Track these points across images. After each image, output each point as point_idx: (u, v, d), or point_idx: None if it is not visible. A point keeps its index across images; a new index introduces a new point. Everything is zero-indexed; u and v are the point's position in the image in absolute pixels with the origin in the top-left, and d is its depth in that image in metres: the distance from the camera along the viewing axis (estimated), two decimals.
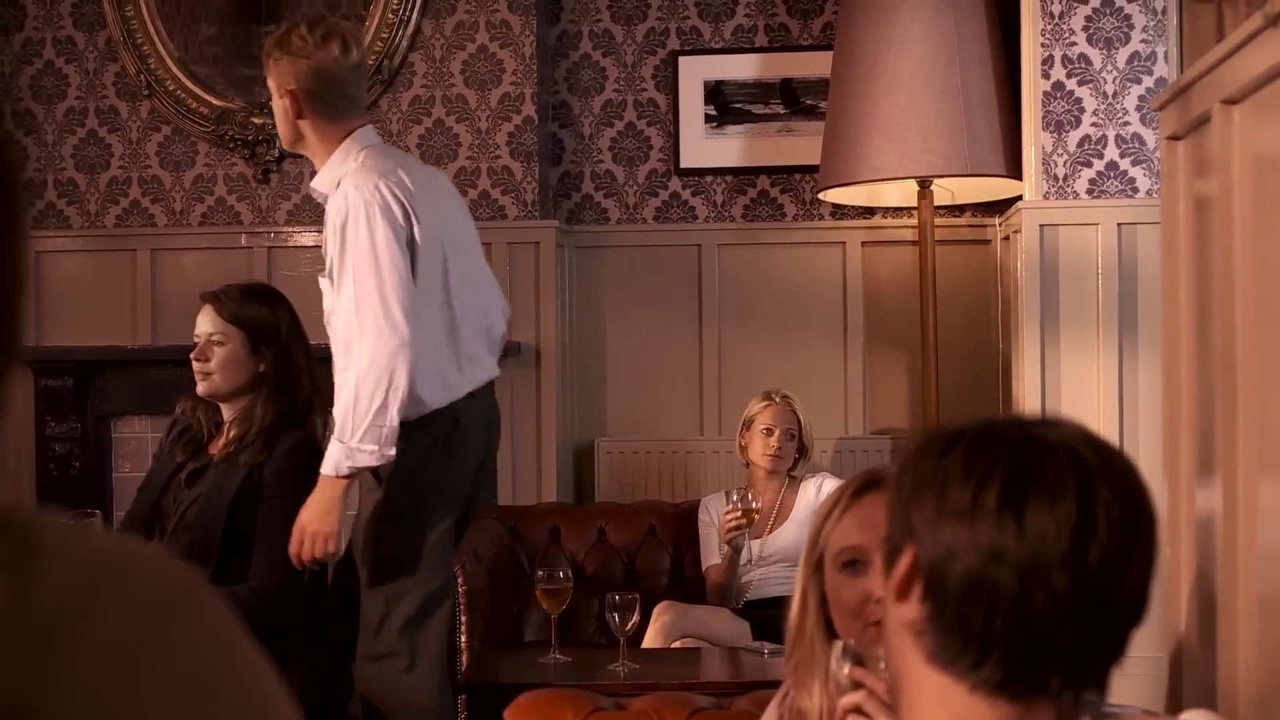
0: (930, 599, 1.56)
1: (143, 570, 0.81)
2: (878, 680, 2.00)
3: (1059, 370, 5.56)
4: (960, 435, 1.59)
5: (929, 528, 1.56)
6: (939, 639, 1.57)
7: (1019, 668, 1.54)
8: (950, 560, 1.54)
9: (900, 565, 1.59)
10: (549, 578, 4.65)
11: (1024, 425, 1.58)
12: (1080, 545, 1.49)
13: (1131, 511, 1.52)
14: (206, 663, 0.82)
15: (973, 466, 1.54)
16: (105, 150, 6.59)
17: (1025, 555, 1.50)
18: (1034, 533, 1.50)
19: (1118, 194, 5.60)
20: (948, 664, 1.56)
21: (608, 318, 6.62)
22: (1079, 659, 1.55)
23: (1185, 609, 2.80)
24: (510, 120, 6.39)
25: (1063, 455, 1.52)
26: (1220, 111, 2.55)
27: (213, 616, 0.83)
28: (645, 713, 2.85)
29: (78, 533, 0.81)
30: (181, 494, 4.34)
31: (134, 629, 0.78)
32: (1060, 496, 1.50)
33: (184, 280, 6.33)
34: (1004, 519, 1.51)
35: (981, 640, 1.54)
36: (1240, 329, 2.46)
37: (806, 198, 6.57)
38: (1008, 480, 1.52)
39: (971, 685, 1.55)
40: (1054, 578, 1.49)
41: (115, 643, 0.77)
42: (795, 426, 5.64)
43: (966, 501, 1.53)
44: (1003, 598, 1.51)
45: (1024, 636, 1.52)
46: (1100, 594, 1.51)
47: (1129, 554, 1.52)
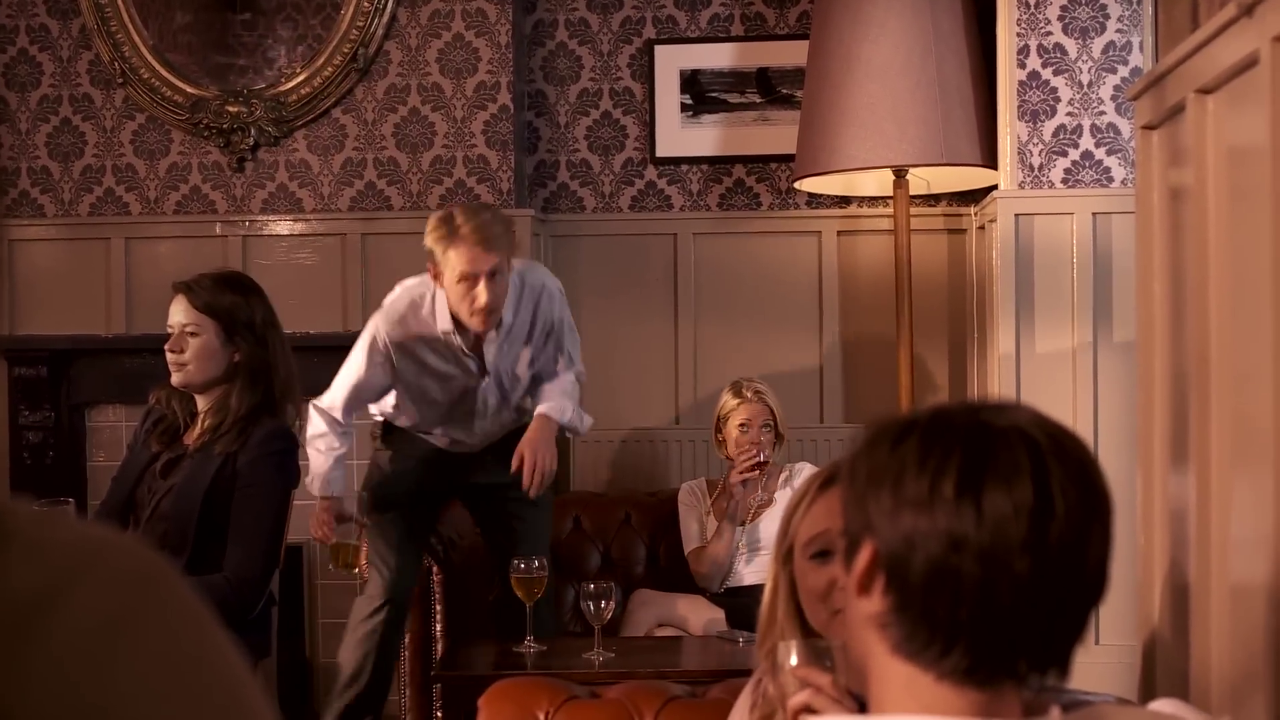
0: (893, 591, 1.56)
1: (114, 558, 0.81)
2: (821, 675, 2.01)
3: (1034, 359, 5.57)
4: (913, 424, 1.59)
5: (887, 519, 1.56)
6: (904, 630, 1.57)
7: (986, 654, 1.54)
8: (911, 551, 1.54)
9: (860, 559, 1.59)
10: (523, 567, 4.65)
11: (975, 411, 1.58)
12: (1039, 527, 1.50)
13: (1087, 490, 1.53)
14: (179, 651, 0.82)
15: (928, 455, 1.54)
16: (79, 138, 6.56)
17: (985, 541, 1.50)
18: (993, 518, 1.50)
19: (1093, 183, 5.61)
20: (914, 654, 1.56)
21: (583, 307, 6.61)
22: (1044, 641, 1.55)
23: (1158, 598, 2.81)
24: (486, 109, 6.38)
25: (1015, 439, 1.53)
26: (1195, 101, 2.55)
27: (184, 605, 0.83)
28: (619, 701, 2.85)
29: (48, 521, 0.81)
30: (156, 484, 4.33)
31: (106, 617, 0.78)
32: (1016, 480, 1.50)
33: (158, 269, 6.31)
34: (962, 506, 1.51)
35: (947, 629, 1.54)
36: (1214, 319, 2.46)
37: (782, 187, 6.57)
38: (963, 467, 1.52)
39: (939, 674, 1.55)
40: (1015, 562, 1.50)
41: (88, 631, 0.77)
42: (770, 418, 5.65)
43: (924, 491, 1.53)
44: (966, 585, 1.51)
45: (989, 622, 1.53)
46: (1062, 574, 1.51)
47: (1087, 533, 1.52)
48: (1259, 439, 2.22)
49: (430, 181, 6.40)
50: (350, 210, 6.43)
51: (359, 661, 5.14)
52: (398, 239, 6.36)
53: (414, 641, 5.32)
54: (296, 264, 6.42)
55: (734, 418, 5.65)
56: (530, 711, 2.83)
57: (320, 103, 6.42)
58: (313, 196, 6.45)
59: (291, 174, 6.47)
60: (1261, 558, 2.23)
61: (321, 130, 6.45)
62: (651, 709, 2.80)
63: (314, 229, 6.43)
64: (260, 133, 6.43)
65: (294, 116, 6.43)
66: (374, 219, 6.40)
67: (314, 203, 6.45)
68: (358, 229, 6.40)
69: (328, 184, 6.44)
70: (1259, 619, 2.25)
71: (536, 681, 3.00)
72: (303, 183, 6.46)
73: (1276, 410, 2.15)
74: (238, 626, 4.12)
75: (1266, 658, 2.21)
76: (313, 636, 6.35)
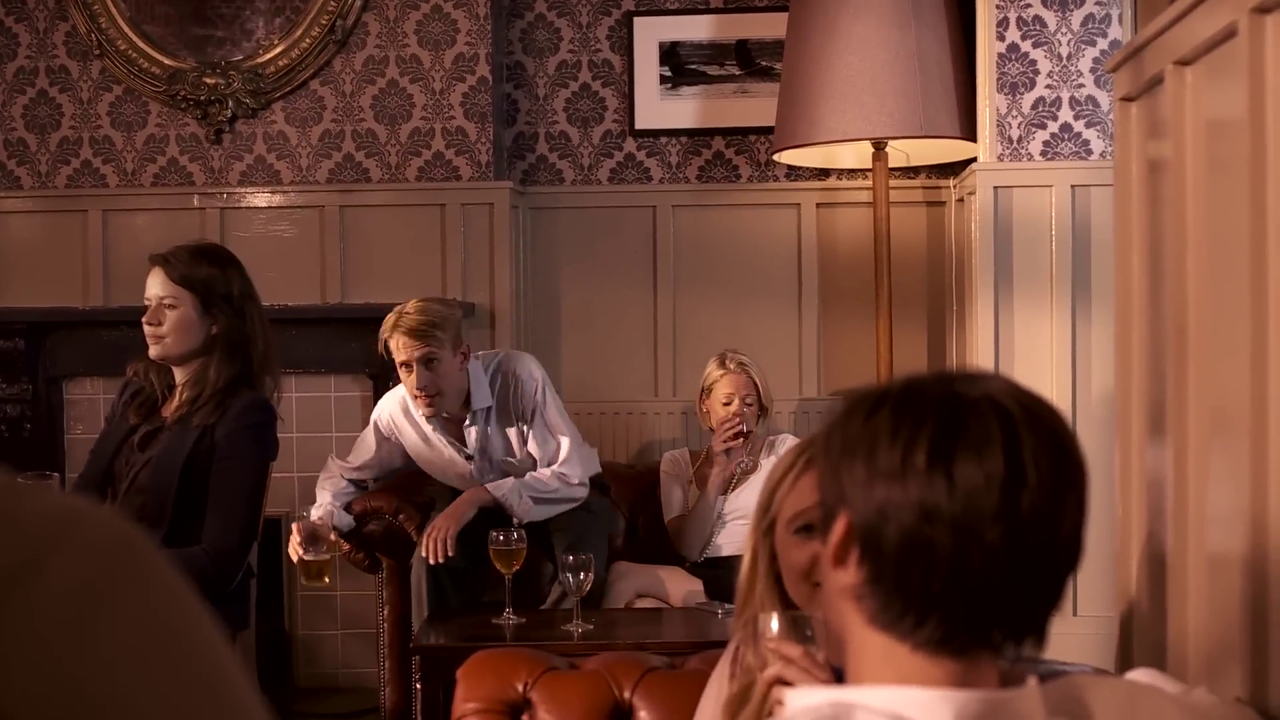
0: (867, 562, 1.57)
1: (90, 529, 0.81)
2: (794, 647, 2.01)
3: (1012, 331, 5.59)
4: (885, 396, 1.59)
5: (861, 491, 1.56)
6: (879, 601, 1.57)
7: (960, 624, 1.54)
8: (884, 522, 1.54)
9: (835, 531, 1.59)
10: (501, 539, 4.66)
11: (947, 381, 1.58)
12: (1011, 497, 1.50)
13: (1060, 459, 1.53)
14: (156, 619, 0.81)
15: (900, 426, 1.54)
16: (56, 110, 6.53)
17: (958, 511, 1.50)
18: (964, 488, 1.50)
19: (1071, 156, 5.61)
20: (889, 625, 1.57)
21: (562, 279, 6.61)
22: (1019, 611, 1.55)
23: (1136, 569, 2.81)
24: (464, 81, 6.37)
25: (987, 408, 1.52)
26: (1173, 73, 2.55)
27: (160, 574, 0.83)
28: (598, 672, 2.85)
29: (24, 492, 0.80)
30: (134, 456, 4.32)
31: (83, 586, 0.78)
32: (988, 450, 1.50)
33: (136, 241, 6.28)
34: (934, 476, 1.51)
35: (921, 600, 1.54)
36: (1192, 291, 2.47)
37: (761, 159, 6.57)
38: (935, 438, 1.52)
39: (914, 645, 1.56)
40: (988, 531, 1.50)
41: (65, 600, 0.77)
42: (753, 391, 5.68)
43: (896, 462, 1.53)
44: (939, 556, 1.51)
45: (963, 593, 1.53)
46: (1035, 544, 1.51)
47: (1061, 502, 1.52)
48: (1236, 411, 2.22)
49: (409, 154, 6.39)
50: (328, 182, 6.41)
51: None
52: (376, 211, 6.36)
53: (393, 614, 5.32)
54: (274, 236, 6.40)
55: (717, 389, 5.69)
56: (509, 682, 2.83)
57: (298, 74, 6.40)
58: (291, 169, 6.44)
59: (269, 146, 6.45)
60: (1238, 530, 2.23)
61: (299, 102, 6.43)
62: (630, 680, 2.80)
63: (292, 201, 6.42)
64: (238, 105, 6.41)
65: (272, 88, 6.41)
66: (352, 191, 6.38)
67: (292, 175, 6.44)
68: (336, 201, 6.38)
69: (306, 156, 6.43)
70: (1235, 590, 2.25)
71: (515, 653, 3.00)
72: (280, 155, 6.44)
73: (1254, 383, 2.15)
74: (216, 598, 4.12)
75: (1242, 628, 2.22)
76: (291, 609, 6.35)
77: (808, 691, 1.66)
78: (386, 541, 5.30)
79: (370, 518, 5.30)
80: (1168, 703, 1.81)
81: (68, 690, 0.76)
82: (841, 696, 1.58)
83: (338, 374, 6.33)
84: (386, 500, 5.33)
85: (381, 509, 5.31)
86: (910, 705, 1.54)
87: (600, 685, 2.82)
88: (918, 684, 1.55)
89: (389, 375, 6.10)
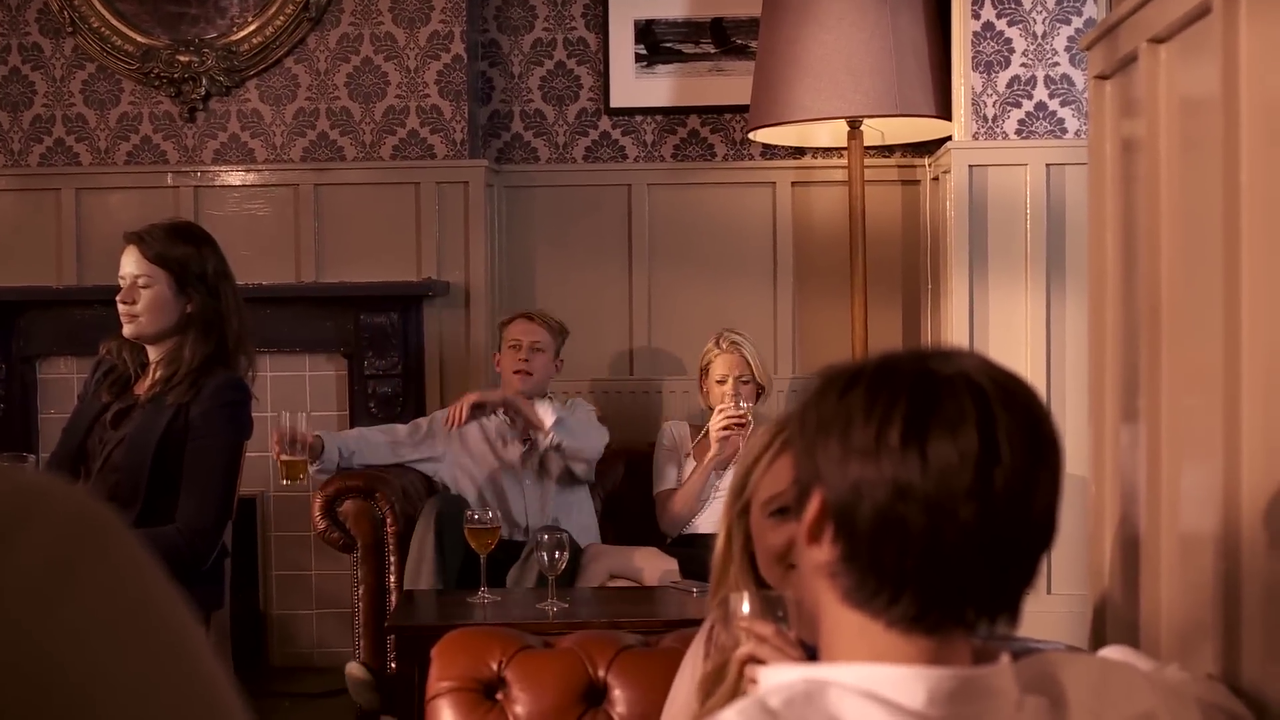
0: (841, 540, 1.57)
1: (57, 504, 0.80)
2: (766, 625, 2.02)
3: (987, 310, 5.60)
4: (860, 373, 1.59)
5: (835, 468, 1.56)
6: (853, 579, 1.57)
7: (934, 602, 1.54)
8: (858, 500, 1.54)
9: (809, 508, 1.60)
10: (476, 518, 4.66)
11: (922, 359, 1.58)
12: (985, 474, 1.50)
13: (1034, 437, 1.53)
14: (124, 594, 0.81)
15: (874, 404, 1.54)
16: (28, 88, 6.50)
17: (931, 489, 1.50)
18: (938, 466, 1.50)
19: (1046, 134, 5.62)
20: (863, 603, 1.57)
21: (537, 258, 6.61)
22: (993, 588, 1.56)
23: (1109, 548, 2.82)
24: (439, 59, 6.35)
25: (961, 386, 1.52)
26: (1147, 50, 2.55)
27: (128, 550, 0.83)
28: (572, 651, 2.85)
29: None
30: (107, 435, 4.30)
31: (50, 560, 0.78)
32: (961, 427, 1.50)
33: (110, 220, 6.26)
34: (907, 454, 1.51)
35: (895, 577, 1.54)
36: (1165, 270, 2.47)
37: (737, 138, 6.57)
38: (909, 415, 1.52)
39: (888, 622, 1.56)
40: (961, 509, 1.50)
41: (32, 574, 0.77)
42: (746, 370, 5.70)
43: (870, 439, 1.53)
44: (913, 533, 1.51)
45: (936, 570, 1.53)
46: (1009, 521, 1.52)
47: (1034, 479, 1.52)
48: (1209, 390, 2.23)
49: (383, 132, 6.37)
50: (303, 160, 6.39)
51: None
52: (350, 189, 6.34)
53: (368, 592, 5.32)
54: (249, 215, 6.39)
55: (713, 369, 5.75)
56: (483, 661, 2.83)
57: (272, 52, 6.37)
58: (265, 147, 6.42)
59: (243, 124, 6.43)
60: (1210, 508, 2.24)
61: (273, 80, 6.41)
62: (604, 658, 2.80)
63: (266, 179, 6.40)
64: (212, 82, 6.38)
65: (246, 66, 6.39)
66: (326, 169, 6.37)
67: (266, 153, 6.42)
68: (310, 179, 6.37)
69: (280, 134, 6.41)
70: (1207, 568, 2.26)
71: (490, 631, 3.00)
72: (255, 133, 6.42)
73: (1226, 362, 2.16)
74: (190, 578, 4.11)
75: (1214, 607, 2.22)
76: (266, 588, 6.35)
77: (781, 669, 1.66)
78: (360, 521, 5.30)
79: (345, 496, 5.30)
80: (1140, 679, 1.81)
81: (35, 660, 0.75)
82: (815, 674, 1.58)
83: (312, 353, 6.32)
84: (362, 480, 5.33)
85: (357, 488, 5.30)
86: (884, 683, 1.54)
87: (575, 663, 2.82)
88: (891, 661, 1.56)
89: (363, 354, 6.11)
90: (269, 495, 6.23)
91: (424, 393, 6.31)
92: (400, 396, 6.21)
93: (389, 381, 6.20)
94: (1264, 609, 2.09)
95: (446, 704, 2.80)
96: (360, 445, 5.54)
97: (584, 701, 2.79)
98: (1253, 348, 2.11)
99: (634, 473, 5.94)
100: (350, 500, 5.29)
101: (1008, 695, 1.59)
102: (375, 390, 6.20)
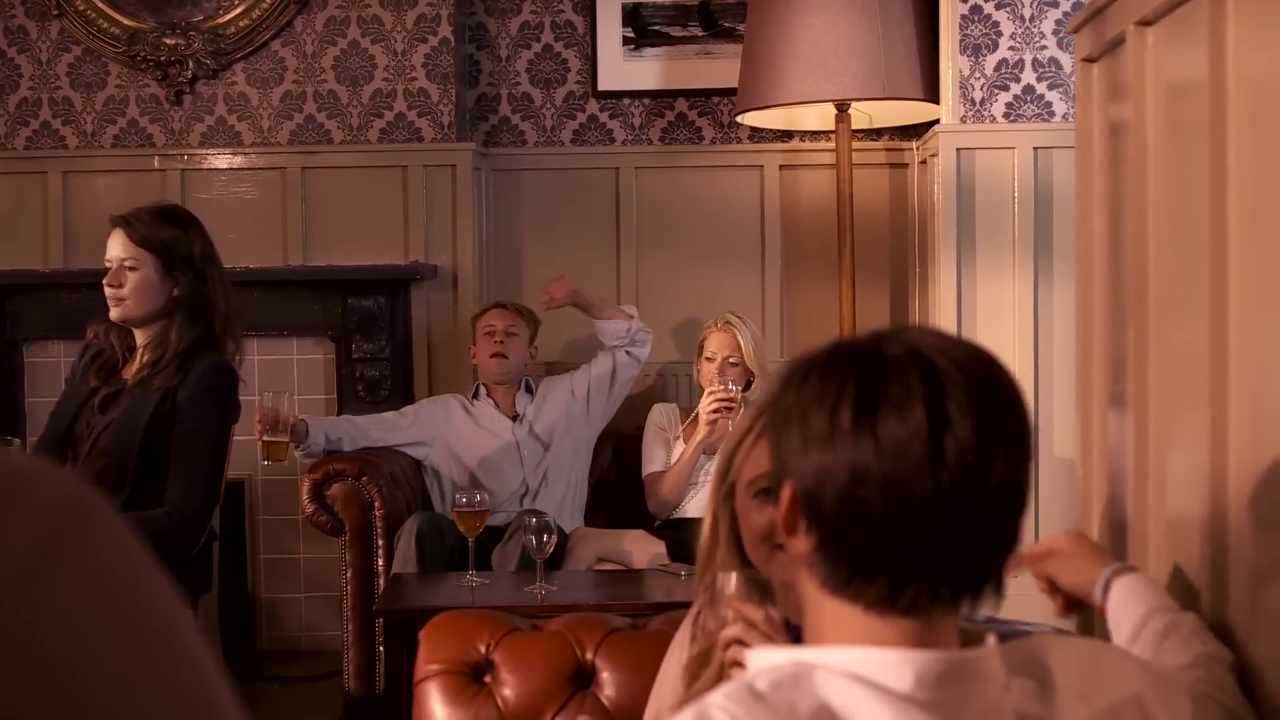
0: (814, 529, 1.58)
1: (43, 487, 0.80)
2: (754, 610, 2.02)
3: (975, 293, 5.60)
4: (814, 362, 1.60)
5: (798, 458, 1.57)
6: (828, 566, 1.58)
7: (905, 580, 1.54)
8: (821, 488, 1.55)
9: (782, 501, 1.60)
10: (464, 501, 4.66)
11: (874, 340, 1.59)
12: (937, 450, 1.50)
13: (989, 409, 1.53)
14: (111, 576, 0.81)
15: (825, 390, 1.56)
16: (14, 71, 6.48)
17: (887, 469, 1.51)
18: (890, 445, 1.51)
19: (1034, 118, 5.63)
20: (839, 589, 1.58)
21: (525, 241, 6.60)
22: (964, 561, 1.56)
23: (1097, 531, 2.83)
24: (426, 42, 6.34)
25: (909, 363, 1.53)
26: (1134, 33, 2.55)
27: (114, 532, 0.82)
28: (561, 633, 2.86)
29: None
30: (95, 419, 4.30)
31: (36, 542, 0.77)
32: (908, 404, 1.51)
33: (96, 203, 6.25)
34: (860, 437, 1.52)
35: (865, 560, 1.55)
36: (1153, 254, 2.47)
37: (724, 121, 6.56)
38: (858, 398, 1.53)
39: (865, 606, 1.56)
40: (917, 486, 1.50)
41: (18, 556, 0.76)
42: (736, 353, 5.65)
43: (825, 426, 1.54)
44: (875, 515, 1.52)
45: (902, 549, 1.54)
46: (968, 493, 1.52)
47: (990, 449, 1.52)
48: (1196, 373, 2.23)
49: (370, 115, 6.36)
50: (290, 144, 6.38)
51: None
52: (338, 173, 6.34)
53: (356, 576, 5.32)
54: (236, 198, 6.38)
55: (706, 345, 5.70)
56: (471, 644, 2.83)
57: (259, 35, 6.36)
58: (252, 130, 6.41)
59: (230, 107, 6.41)
60: (1198, 492, 2.24)
61: (260, 63, 6.40)
62: (593, 641, 2.81)
63: (253, 163, 6.39)
64: (198, 65, 6.37)
65: (232, 49, 6.37)
66: (314, 152, 6.36)
67: (253, 136, 6.41)
68: (298, 163, 6.36)
69: (267, 117, 6.40)
70: (1195, 552, 2.27)
71: (478, 614, 3.01)
72: (241, 116, 6.41)
73: (1213, 346, 2.16)
74: (178, 561, 4.11)
75: (1203, 585, 2.23)
76: (254, 572, 6.35)
77: (769, 651, 1.66)
78: (349, 505, 5.30)
79: (334, 480, 5.30)
80: (1130, 663, 1.82)
81: (21, 643, 0.75)
82: (803, 656, 1.58)
83: (300, 336, 6.32)
84: (350, 463, 5.33)
85: (345, 472, 5.30)
86: (870, 665, 1.54)
87: (563, 646, 2.83)
88: (875, 645, 1.56)
89: (350, 338, 6.10)
90: (257, 479, 6.22)
91: (412, 376, 6.31)
92: (388, 380, 6.21)
93: (376, 365, 6.20)
94: (1250, 591, 2.10)
95: (435, 686, 2.80)
96: (348, 430, 5.53)
97: (572, 684, 2.79)
98: (1240, 331, 2.11)
99: (622, 456, 5.94)
100: (338, 484, 5.29)
101: (995, 678, 1.60)
102: (363, 374, 6.20)
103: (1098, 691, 1.70)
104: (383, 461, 5.46)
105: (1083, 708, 1.67)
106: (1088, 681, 1.71)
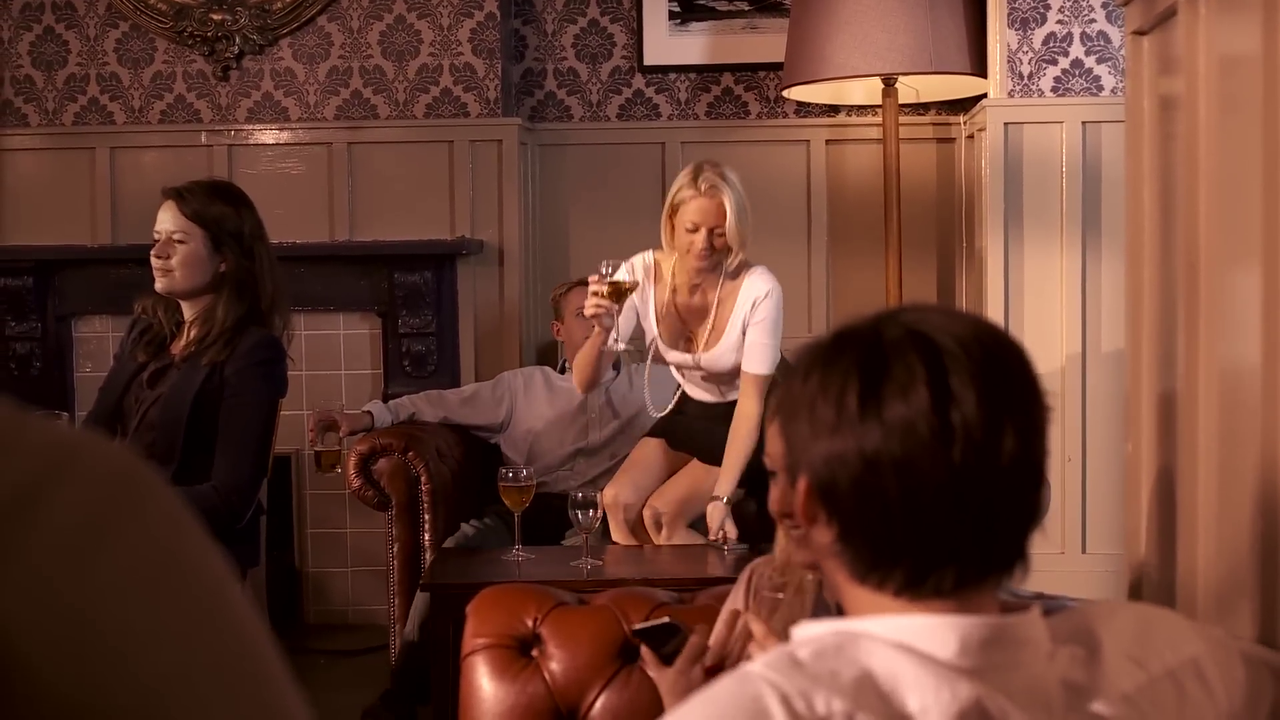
0: (835, 519, 1.58)
1: (92, 459, 0.80)
2: (759, 625, 2.07)
3: (1022, 269, 5.58)
4: (817, 351, 1.61)
5: (809, 449, 1.58)
6: (853, 555, 1.58)
7: (928, 566, 1.55)
8: (834, 477, 1.56)
9: (799, 493, 1.60)
10: (511, 475, 4.66)
11: (874, 323, 1.59)
12: (944, 426, 1.50)
13: (995, 384, 1.53)
14: (159, 551, 0.81)
15: (829, 379, 1.56)
16: (63, 47, 6.51)
17: (897, 452, 1.51)
18: (897, 429, 1.51)
19: (1082, 92, 5.59)
20: (866, 576, 1.58)
21: (570, 216, 6.60)
22: (984, 537, 1.56)
23: (1145, 506, 2.81)
24: (472, 16, 6.34)
25: (909, 345, 1.54)
26: (1186, 7, 2.53)
27: (164, 505, 0.82)
28: (607, 608, 2.86)
29: (25, 422, 0.80)
30: (143, 394, 4.32)
31: (85, 517, 0.78)
32: (911, 387, 1.51)
33: (143, 179, 6.28)
34: (867, 423, 1.52)
35: (887, 546, 1.55)
36: (1203, 229, 2.45)
37: (771, 95, 6.54)
38: (862, 384, 1.54)
39: (895, 591, 1.57)
40: (929, 466, 1.51)
41: (67, 531, 0.76)
42: (722, 223, 4.82)
43: (832, 415, 1.55)
44: (891, 500, 1.53)
45: (922, 530, 1.54)
46: (980, 469, 1.52)
47: (998, 425, 1.52)
48: (1248, 348, 2.22)
49: (416, 90, 6.37)
50: (336, 119, 6.39)
51: None
52: (384, 148, 6.34)
53: (403, 550, 5.33)
54: (282, 173, 6.39)
55: (683, 212, 4.83)
56: (519, 618, 2.84)
57: (305, 10, 6.37)
58: (298, 105, 6.42)
59: (277, 83, 6.43)
60: (1250, 476, 2.23)
61: (307, 38, 6.41)
62: (639, 614, 2.81)
63: (299, 138, 6.41)
64: (245, 41, 6.38)
65: (279, 25, 6.38)
66: (360, 128, 6.37)
67: (299, 111, 6.42)
68: (344, 138, 6.37)
69: (313, 93, 6.41)
70: (1245, 527, 2.25)
71: (525, 589, 3.01)
72: (288, 91, 6.42)
73: (1265, 320, 2.14)
74: (226, 535, 4.13)
75: (1252, 566, 2.22)
76: (301, 546, 6.38)
77: (812, 624, 1.66)
78: (395, 479, 5.31)
79: (380, 455, 5.31)
80: (1186, 627, 1.81)
81: (68, 619, 0.75)
82: (847, 626, 1.58)
83: (346, 311, 6.33)
84: (396, 438, 5.34)
85: (391, 446, 5.31)
86: (915, 633, 1.54)
87: (609, 620, 2.83)
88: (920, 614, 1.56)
89: (396, 313, 6.12)
90: (304, 453, 6.24)
91: (458, 351, 6.32)
92: (434, 355, 6.22)
93: (423, 340, 6.21)
94: None
95: (482, 660, 2.81)
96: (416, 407, 5.63)
97: (619, 658, 2.80)
98: None
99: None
100: (385, 458, 5.30)
101: (1040, 645, 1.59)
102: (409, 349, 6.21)
103: (1153, 656, 1.69)
104: (428, 436, 5.47)
105: (1138, 674, 1.66)
106: (1142, 646, 1.70)
